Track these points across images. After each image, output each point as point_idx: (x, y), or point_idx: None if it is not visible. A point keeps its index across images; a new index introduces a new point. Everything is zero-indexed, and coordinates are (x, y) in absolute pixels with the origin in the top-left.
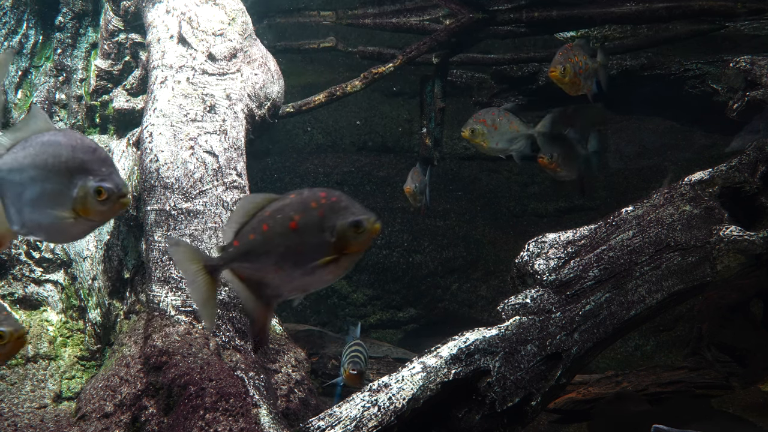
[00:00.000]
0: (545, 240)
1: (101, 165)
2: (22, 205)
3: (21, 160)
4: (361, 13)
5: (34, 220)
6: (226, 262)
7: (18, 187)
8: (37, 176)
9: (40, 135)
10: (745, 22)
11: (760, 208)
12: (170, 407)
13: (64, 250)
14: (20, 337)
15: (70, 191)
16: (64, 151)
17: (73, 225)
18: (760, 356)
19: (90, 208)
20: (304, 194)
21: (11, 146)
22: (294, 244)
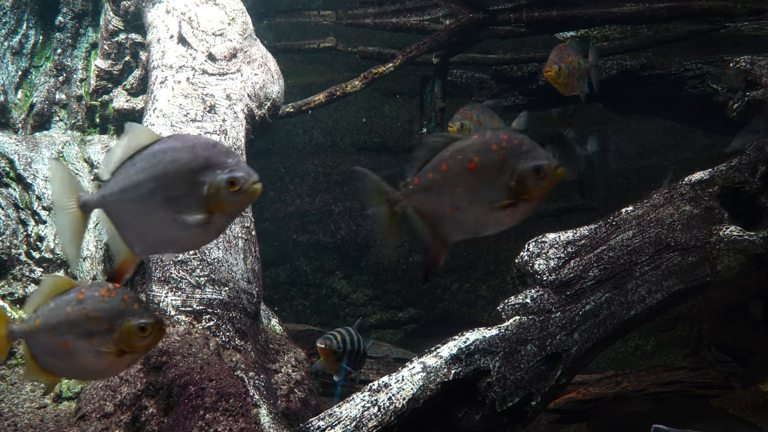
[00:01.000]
0: (545, 240)
1: (226, 157)
2: (142, 224)
3: (135, 177)
4: (361, 13)
5: (160, 235)
6: (406, 197)
7: (135, 206)
8: (157, 187)
9: (150, 147)
10: (745, 22)
11: (760, 208)
12: (170, 407)
13: (65, 251)
14: (161, 328)
15: (199, 191)
16: (183, 153)
17: (205, 227)
18: (760, 356)
19: (224, 202)
20: (486, 136)
21: (116, 169)
22: (472, 186)
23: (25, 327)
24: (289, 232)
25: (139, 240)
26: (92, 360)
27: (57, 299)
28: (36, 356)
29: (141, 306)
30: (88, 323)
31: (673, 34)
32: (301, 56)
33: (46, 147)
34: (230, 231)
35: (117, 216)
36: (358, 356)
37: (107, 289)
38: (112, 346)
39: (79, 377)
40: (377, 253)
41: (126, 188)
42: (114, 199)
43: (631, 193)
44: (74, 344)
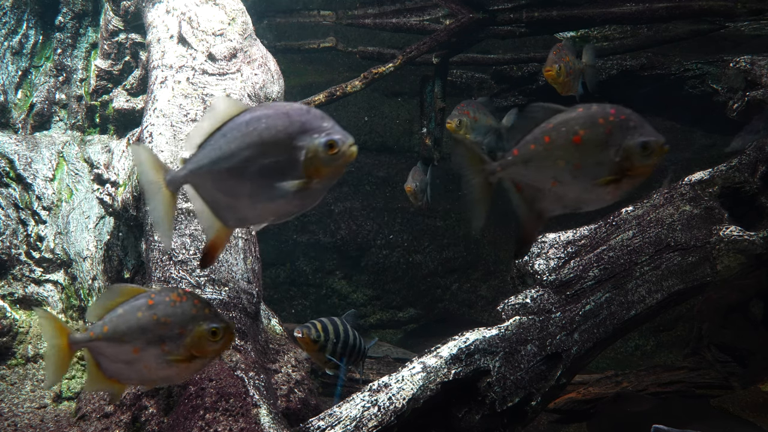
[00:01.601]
0: (545, 240)
1: (321, 121)
2: (236, 195)
3: (226, 147)
4: (361, 13)
5: (256, 205)
6: (504, 168)
7: (229, 177)
8: (252, 155)
9: (239, 116)
10: (745, 22)
11: (760, 208)
12: (170, 407)
13: (64, 250)
14: (231, 332)
15: (297, 156)
16: (278, 120)
17: (303, 193)
18: (760, 356)
19: (322, 166)
20: (592, 109)
21: (202, 142)
22: (575, 159)
23: (91, 335)
24: (289, 232)
25: (232, 213)
26: (162, 366)
27: (126, 305)
28: (100, 364)
29: (211, 310)
30: (160, 329)
31: (673, 34)
32: (301, 56)
33: (46, 147)
34: None
35: (208, 190)
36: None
37: (177, 294)
38: (183, 351)
39: (147, 384)
40: (377, 253)
41: (217, 160)
42: (204, 171)
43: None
44: (144, 350)
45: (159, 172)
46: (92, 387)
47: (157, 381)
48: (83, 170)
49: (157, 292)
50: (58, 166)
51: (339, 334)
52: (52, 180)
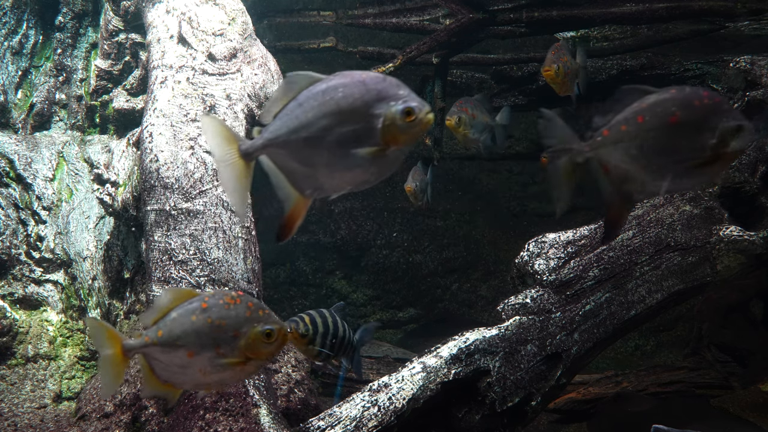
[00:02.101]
0: (545, 240)
1: (397, 89)
2: (314, 164)
3: (303, 117)
4: (361, 13)
5: (334, 173)
6: (593, 149)
7: (306, 146)
8: (330, 124)
9: (314, 86)
10: (745, 22)
11: (760, 208)
12: (170, 407)
13: (64, 250)
14: (285, 334)
15: (374, 124)
16: (355, 89)
17: (380, 161)
18: (760, 356)
19: (399, 134)
20: (686, 91)
21: (277, 113)
22: (670, 141)
23: (146, 339)
24: None
25: (310, 182)
26: (217, 369)
27: (179, 309)
28: (155, 369)
29: (265, 312)
30: (214, 332)
31: (673, 34)
32: (301, 56)
33: (46, 147)
34: (230, 231)
35: (284, 160)
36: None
37: (231, 297)
38: (238, 353)
39: (202, 388)
40: (377, 253)
41: (295, 129)
42: (281, 141)
43: None
44: (199, 354)
45: (232, 144)
46: (147, 393)
47: (211, 385)
48: (83, 170)
49: (211, 295)
50: (58, 166)
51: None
52: (52, 180)
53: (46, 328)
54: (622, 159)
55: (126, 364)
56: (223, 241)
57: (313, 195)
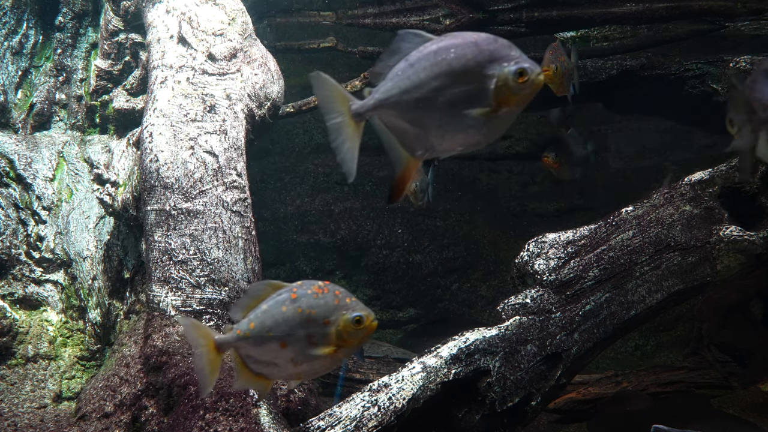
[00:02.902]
0: (545, 240)
1: (509, 50)
2: (425, 125)
3: (415, 77)
4: (361, 13)
5: (445, 134)
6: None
7: (418, 106)
8: (442, 85)
9: (425, 46)
10: (745, 22)
11: (760, 208)
12: (170, 407)
13: (64, 250)
14: (374, 320)
15: (487, 84)
16: (467, 49)
17: (491, 121)
18: (760, 356)
19: (512, 95)
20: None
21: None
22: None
23: (238, 332)
24: (289, 232)
25: (420, 143)
26: (309, 358)
27: (269, 301)
28: (247, 362)
29: (352, 299)
30: (305, 321)
31: (673, 34)
32: (301, 56)
33: (46, 147)
34: (230, 231)
35: (395, 120)
36: None
37: (318, 286)
38: (329, 341)
39: (294, 378)
40: (377, 253)
41: (406, 89)
42: (392, 102)
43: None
44: (291, 344)
45: (343, 103)
46: (240, 385)
47: (303, 374)
48: (83, 170)
49: (299, 285)
50: (58, 166)
51: None
52: (52, 180)
53: (46, 328)
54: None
55: (220, 359)
56: (223, 241)
57: (423, 156)
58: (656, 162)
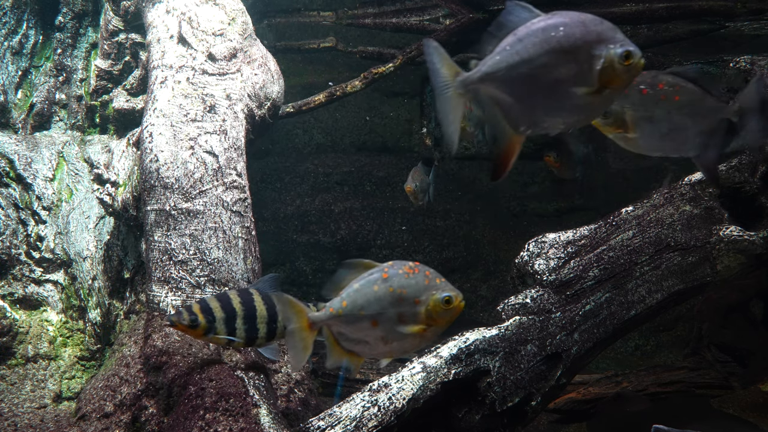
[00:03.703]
0: (545, 240)
1: (614, 32)
2: (529, 100)
3: (524, 53)
4: (361, 13)
5: (549, 111)
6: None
7: (524, 82)
8: (549, 62)
9: (534, 23)
10: (745, 22)
11: (760, 208)
12: (170, 407)
13: (64, 250)
14: (462, 300)
15: (593, 65)
16: (576, 29)
17: (595, 101)
18: (760, 356)
19: (616, 76)
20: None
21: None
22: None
23: (330, 311)
24: (289, 232)
25: (524, 118)
26: (398, 337)
27: (361, 280)
28: (339, 340)
29: (441, 280)
30: (396, 300)
31: (673, 34)
32: (301, 56)
33: (46, 147)
34: (230, 231)
35: (500, 95)
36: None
37: (409, 267)
38: (419, 321)
39: (384, 356)
40: (377, 253)
41: (514, 64)
42: (499, 76)
43: (631, 193)
44: (382, 322)
45: (451, 74)
46: (332, 363)
47: (393, 352)
48: (83, 170)
49: (390, 265)
50: (58, 166)
51: (232, 310)
52: (52, 180)
53: (46, 328)
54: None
55: (314, 336)
56: (223, 241)
57: (526, 132)
58: (656, 162)
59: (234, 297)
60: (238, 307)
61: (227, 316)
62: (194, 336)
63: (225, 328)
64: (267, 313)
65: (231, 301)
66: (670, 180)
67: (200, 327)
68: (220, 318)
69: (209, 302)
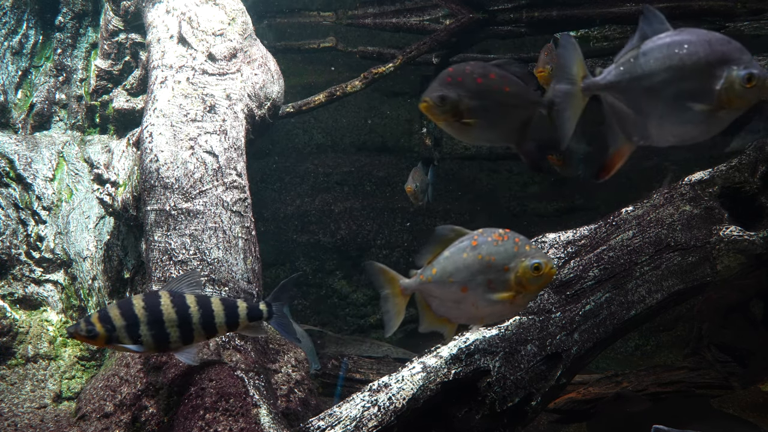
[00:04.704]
0: (545, 240)
1: (740, 53)
2: (648, 113)
3: (646, 66)
4: (361, 13)
5: (664, 124)
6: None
7: (644, 94)
8: (671, 77)
9: (656, 39)
10: (745, 22)
11: (760, 208)
12: (170, 407)
13: (64, 250)
14: (552, 268)
15: (713, 84)
16: (699, 47)
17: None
18: (760, 356)
19: (735, 97)
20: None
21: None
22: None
23: (422, 278)
24: (289, 232)
25: (640, 129)
26: (489, 303)
27: (451, 248)
28: (431, 305)
29: (531, 247)
30: (485, 267)
31: None
32: (301, 56)
33: (46, 147)
34: (230, 231)
35: (619, 103)
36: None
37: (499, 234)
38: (508, 287)
39: (475, 322)
40: (377, 253)
41: (637, 76)
42: (622, 86)
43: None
44: (472, 289)
45: (578, 73)
46: (425, 327)
47: (483, 318)
48: (83, 170)
49: (480, 233)
50: (58, 166)
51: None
52: (52, 180)
53: (46, 328)
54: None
55: (406, 302)
56: (223, 241)
57: (638, 142)
58: (656, 162)
59: (137, 303)
60: (140, 313)
61: (128, 323)
62: (97, 345)
63: (128, 335)
64: (177, 316)
65: (133, 308)
66: (670, 180)
67: (100, 336)
68: (120, 326)
69: (109, 311)
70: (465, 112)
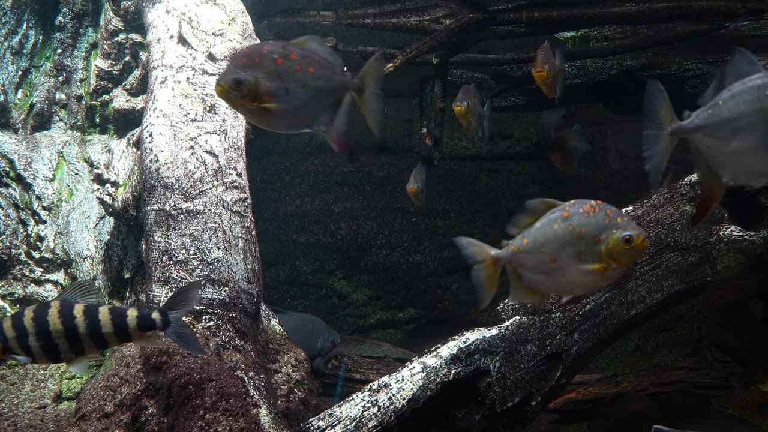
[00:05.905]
0: None
1: None
2: (738, 154)
3: (735, 110)
4: (361, 13)
5: (753, 166)
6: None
7: (733, 138)
8: (759, 120)
9: (750, 79)
10: (745, 22)
11: (760, 208)
12: (170, 407)
13: (64, 250)
14: (644, 240)
15: None
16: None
17: None
18: (760, 356)
19: None
20: None
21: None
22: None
23: (513, 248)
24: (289, 232)
25: (729, 170)
26: (579, 274)
27: (543, 219)
28: (523, 276)
29: (624, 219)
30: (576, 238)
31: (673, 34)
32: None
33: (46, 147)
34: (230, 231)
35: (707, 146)
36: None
37: (590, 205)
38: (599, 259)
39: (566, 293)
40: (377, 253)
41: (725, 120)
42: (710, 128)
43: (631, 193)
44: (562, 260)
45: (669, 117)
46: (516, 299)
47: (574, 289)
48: (83, 170)
49: (571, 204)
50: (58, 166)
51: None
52: (52, 180)
53: None
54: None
55: (498, 272)
56: (223, 241)
57: (727, 183)
58: None
59: (27, 314)
60: (29, 324)
61: (18, 334)
62: None
63: (19, 346)
64: (63, 327)
65: (23, 319)
66: (670, 180)
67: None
68: (11, 337)
69: (3, 322)
70: (265, 96)
